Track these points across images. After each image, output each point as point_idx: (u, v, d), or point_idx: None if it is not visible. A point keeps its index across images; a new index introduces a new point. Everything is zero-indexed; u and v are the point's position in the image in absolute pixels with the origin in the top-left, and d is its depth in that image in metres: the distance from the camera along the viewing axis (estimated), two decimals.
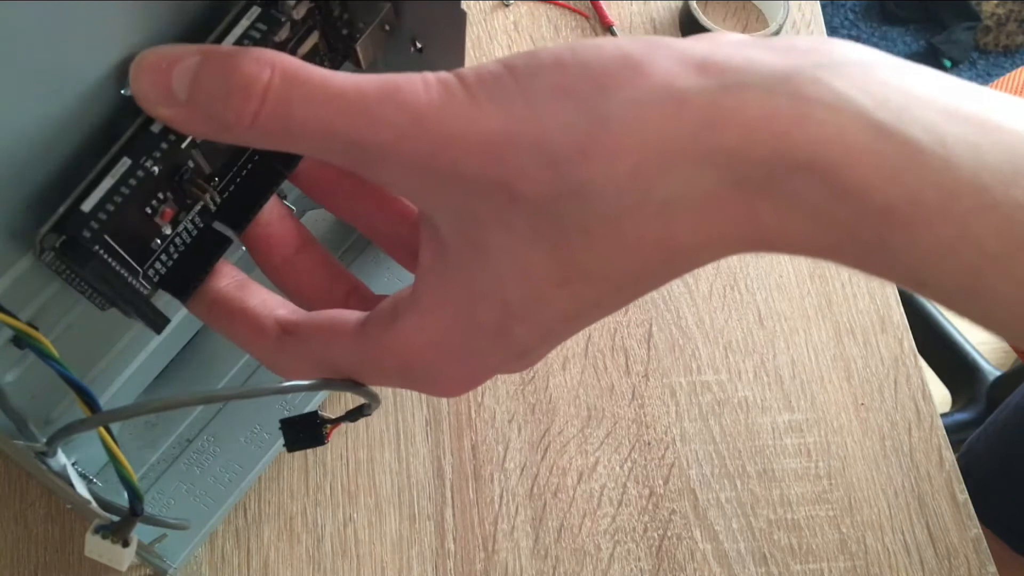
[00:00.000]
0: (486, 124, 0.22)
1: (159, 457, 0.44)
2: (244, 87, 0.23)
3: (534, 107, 0.22)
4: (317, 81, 0.23)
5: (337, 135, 0.23)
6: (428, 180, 0.23)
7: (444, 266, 0.24)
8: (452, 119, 0.22)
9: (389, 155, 0.23)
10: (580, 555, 0.47)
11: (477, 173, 0.22)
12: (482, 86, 0.22)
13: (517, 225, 0.22)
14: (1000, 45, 1.51)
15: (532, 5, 0.65)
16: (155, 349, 0.43)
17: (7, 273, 0.31)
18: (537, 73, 0.22)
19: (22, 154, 0.29)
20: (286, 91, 0.23)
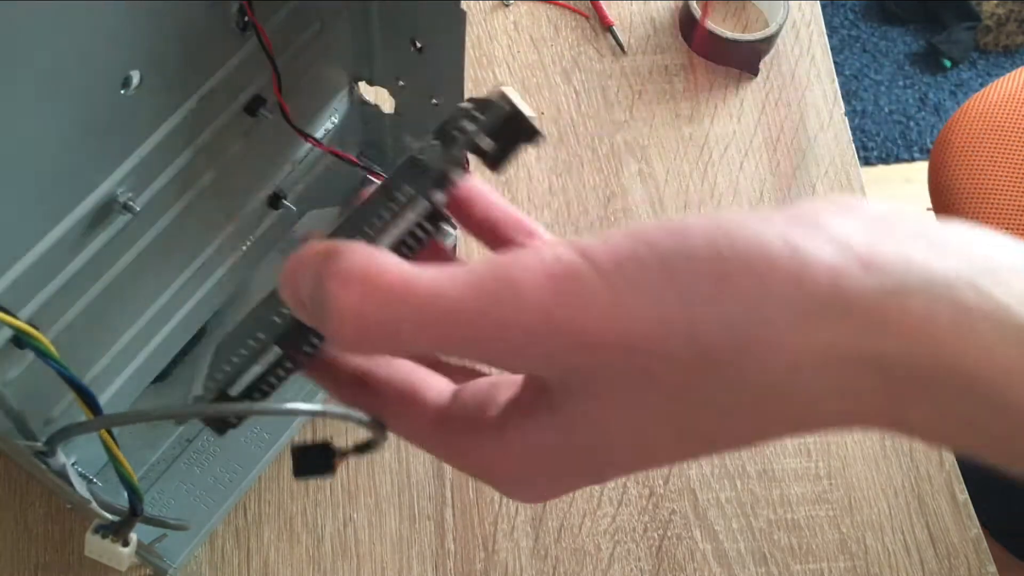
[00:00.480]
0: (631, 320, 0.20)
1: (159, 457, 0.44)
2: (338, 315, 0.21)
3: (689, 303, 0.20)
4: (422, 297, 0.21)
5: (454, 343, 0.21)
6: (553, 366, 0.22)
7: (547, 410, 0.23)
8: (589, 317, 0.20)
9: (514, 354, 0.21)
10: (580, 555, 0.47)
11: (614, 361, 0.20)
12: (621, 272, 0.20)
13: (648, 403, 0.21)
14: (1000, 45, 1.50)
15: (532, 5, 0.65)
16: (155, 349, 0.43)
17: (7, 273, 0.31)
18: (689, 260, 0.20)
19: (23, 152, 0.29)
20: (386, 314, 0.21)
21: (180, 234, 0.39)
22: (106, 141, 0.33)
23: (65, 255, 0.34)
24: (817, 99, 0.63)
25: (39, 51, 0.28)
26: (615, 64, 0.64)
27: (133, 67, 0.32)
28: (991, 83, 0.85)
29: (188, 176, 0.38)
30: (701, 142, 0.61)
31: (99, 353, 0.39)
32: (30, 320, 0.33)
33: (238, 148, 0.40)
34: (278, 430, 0.45)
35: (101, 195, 0.34)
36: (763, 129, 0.62)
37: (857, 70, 1.49)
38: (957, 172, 0.80)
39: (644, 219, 0.58)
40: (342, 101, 0.46)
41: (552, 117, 0.61)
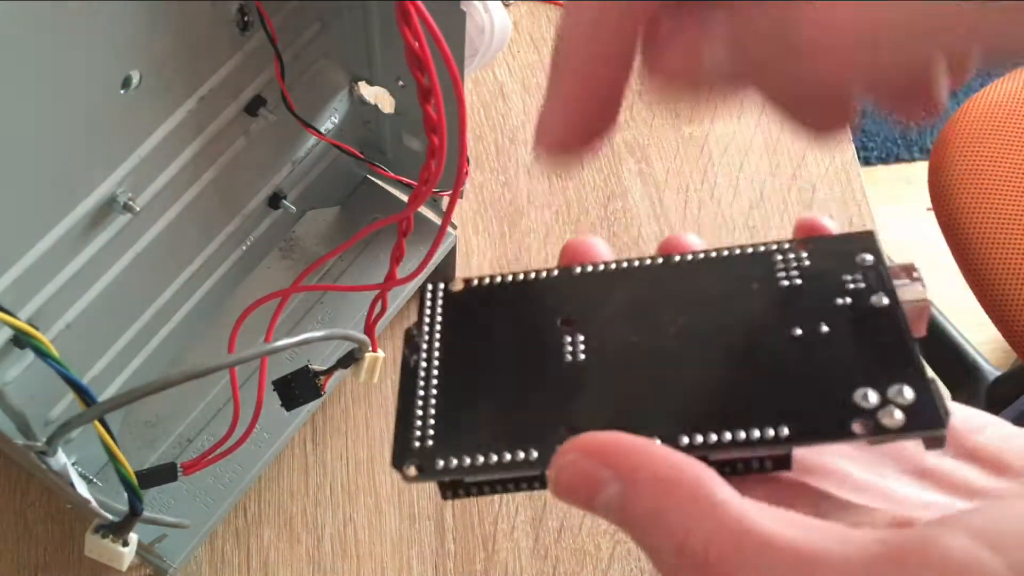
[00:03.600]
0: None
1: (159, 457, 0.44)
2: (681, 553, 0.19)
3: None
4: (789, 545, 0.19)
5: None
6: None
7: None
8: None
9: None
10: (580, 555, 0.47)
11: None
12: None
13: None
14: None
15: (532, 5, 0.65)
16: (155, 349, 0.43)
17: (7, 273, 0.31)
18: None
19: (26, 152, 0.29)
20: (738, 564, 0.19)
21: (180, 234, 0.39)
22: (106, 141, 0.33)
23: (65, 255, 0.34)
24: None
25: (39, 51, 0.28)
26: None
27: (133, 67, 0.32)
28: (991, 83, 0.85)
29: (188, 176, 0.38)
30: (701, 142, 0.61)
31: (99, 353, 0.39)
32: (30, 320, 0.33)
33: (238, 148, 0.40)
34: (278, 430, 0.45)
35: (101, 195, 0.34)
36: (763, 129, 0.62)
37: None
38: (957, 172, 0.80)
39: (644, 219, 0.58)
40: (342, 101, 0.46)
41: None
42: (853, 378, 0.22)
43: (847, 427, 0.22)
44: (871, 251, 0.25)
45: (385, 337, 0.51)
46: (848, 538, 0.19)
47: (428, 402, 0.25)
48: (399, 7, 0.26)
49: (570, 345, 0.25)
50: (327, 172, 0.48)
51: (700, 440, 0.22)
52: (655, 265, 0.27)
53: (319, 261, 0.38)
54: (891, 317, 0.24)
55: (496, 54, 0.45)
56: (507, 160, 0.59)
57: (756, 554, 0.19)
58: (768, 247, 0.26)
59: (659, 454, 0.20)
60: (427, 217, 0.50)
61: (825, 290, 0.25)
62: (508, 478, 0.23)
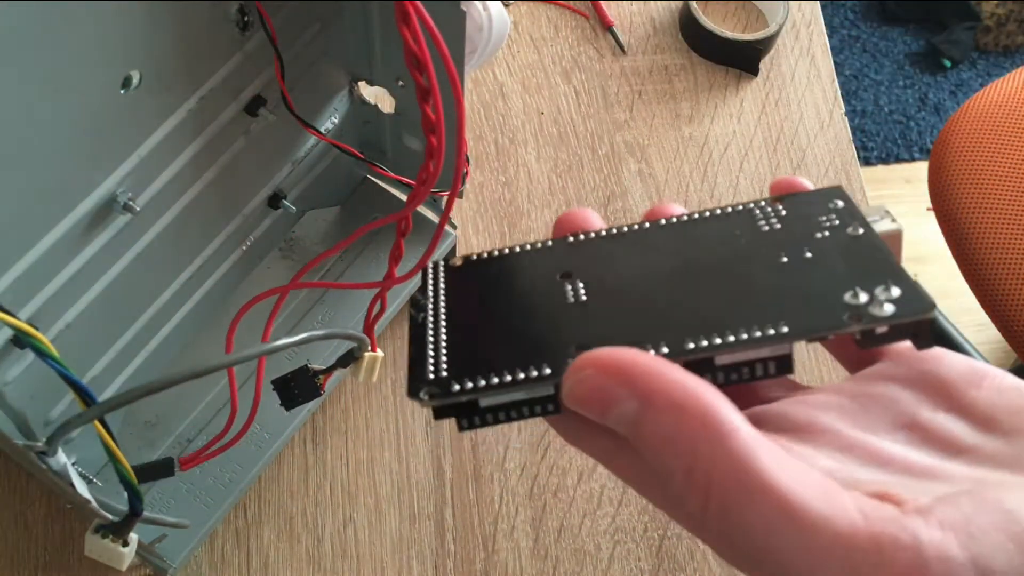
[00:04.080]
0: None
1: (159, 457, 0.44)
2: (688, 476, 0.20)
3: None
4: (774, 495, 0.20)
5: (779, 551, 0.20)
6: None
7: None
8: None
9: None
10: (580, 555, 0.47)
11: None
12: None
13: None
14: (1000, 45, 1.50)
15: (532, 5, 0.65)
16: (155, 349, 0.43)
17: (7, 273, 0.31)
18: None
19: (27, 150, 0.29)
20: (733, 500, 0.20)
21: (180, 234, 0.39)
22: (106, 141, 0.33)
23: (65, 255, 0.34)
24: (817, 99, 0.63)
25: (39, 51, 0.28)
26: (615, 64, 0.64)
27: (133, 67, 0.32)
28: (991, 83, 0.85)
29: (188, 176, 0.38)
30: (701, 142, 0.61)
31: (99, 353, 0.39)
32: (30, 320, 0.33)
33: (238, 148, 0.40)
34: (278, 430, 0.45)
35: (101, 195, 0.34)
36: (763, 129, 0.62)
37: (857, 70, 1.49)
38: (957, 172, 0.80)
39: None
40: (342, 101, 0.46)
41: (552, 117, 0.61)
42: (842, 284, 0.24)
43: (840, 319, 0.23)
44: (841, 198, 0.27)
45: (385, 337, 0.51)
46: (835, 501, 0.20)
47: (439, 344, 0.26)
48: (398, 7, 0.26)
49: (571, 291, 0.26)
50: (327, 172, 0.49)
51: (705, 343, 0.23)
52: (645, 227, 0.29)
53: (318, 259, 0.38)
54: (868, 240, 0.25)
55: (495, 52, 0.45)
56: (507, 160, 0.59)
57: (750, 492, 0.20)
58: (746, 205, 0.28)
59: (676, 378, 0.21)
60: (427, 217, 0.50)
61: (804, 229, 0.26)
62: (522, 400, 0.24)
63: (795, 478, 0.20)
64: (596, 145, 0.60)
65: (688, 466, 0.20)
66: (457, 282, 0.28)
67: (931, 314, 0.23)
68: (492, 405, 0.24)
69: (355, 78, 0.46)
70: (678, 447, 0.21)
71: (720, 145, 0.61)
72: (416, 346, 0.26)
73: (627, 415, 0.21)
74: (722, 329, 0.23)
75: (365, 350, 0.37)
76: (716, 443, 0.20)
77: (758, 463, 0.20)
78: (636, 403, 0.21)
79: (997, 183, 0.78)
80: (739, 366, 0.24)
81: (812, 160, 0.61)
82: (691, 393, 0.21)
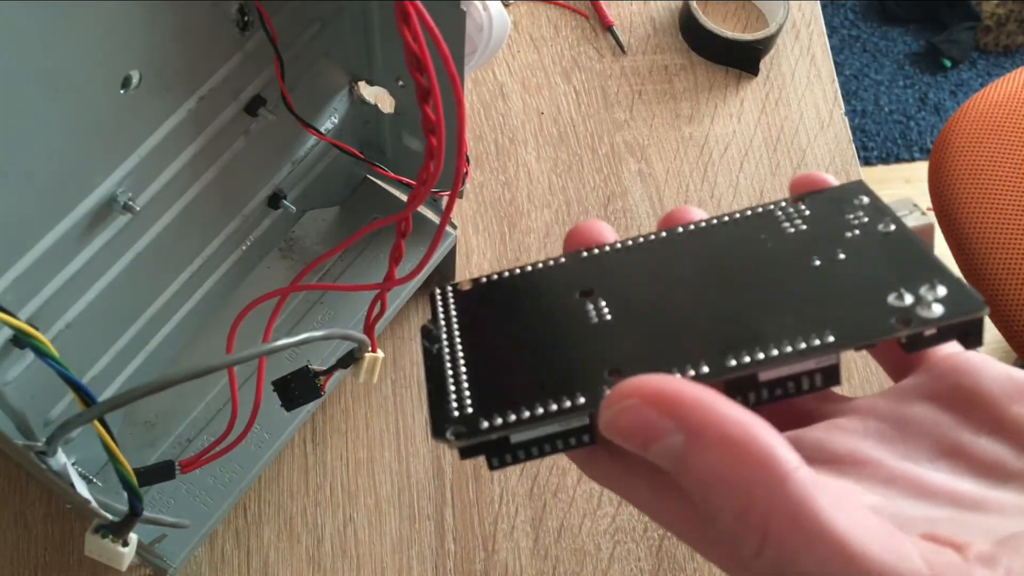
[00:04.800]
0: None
1: (159, 457, 0.44)
2: (741, 518, 0.19)
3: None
4: (833, 541, 0.19)
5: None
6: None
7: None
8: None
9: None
10: (580, 555, 0.47)
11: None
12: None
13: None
14: (1000, 45, 1.50)
15: (532, 5, 0.65)
16: (155, 349, 0.43)
17: (7, 273, 0.31)
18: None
19: (29, 153, 0.29)
20: (790, 547, 0.19)
21: (180, 234, 0.39)
22: (106, 141, 0.33)
23: (65, 255, 0.34)
24: (817, 99, 0.63)
25: (39, 51, 0.28)
26: (615, 64, 0.64)
27: (133, 67, 0.32)
28: (991, 83, 0.85)
29: (188, 176, 0.38)
30: (701, 142, 0.61)
31: (99, 353, 0.39)
32: (30, 320, 0.33)
33: (238, 148, 0.40)
34: (278, 430, 0.45)
35: (101, 195, 0.34)
36: (763, 129, 0.62)
37: (857, 70, 1.49)
38: (957, 172, 0.80)
39: (644, 219, 0.58)
40: (342, 101, 0.46)
41: (552, 117, 0.61)
42: (883, 286, 0.22)
43: (888, 324, 0.21)
44: (866, 193, 0.26)
45: (385, 337, 0.51)
46: (898, 550, 0.19)
47: (459, 378, 0.24)
48: (398, 7, 0.26)
49: (593, 310, 0.25)
50: (327, 172, 0.48)
51: (747, 359, 0.22)
52: (663, 236, 0.27)
53: (318, 260, 0.38)
54: (902, 236, 0.24)
55: (495, 52, 0.45)
56: (507, 160, 0.59)
57: (810, 538, 0.19)
58: (767, 206, 0.27)
59: (727, 412, 0.20)
60: (427, 217, 0.50)
61: (832, 229, 0.25)
62: (555, 433, 0.23)
63: (857, 523, 0.19)
64: (596, 145, 0.60)
65: (742, 508, 0.19)
66: (469, 307, 0.27)
67: (982, 312, 0.21)
68: (524, 441, 0.23)
69: (355, 78, 0.46)
70: (732, 487, 0.19)
71: (720, 145, 0.61)
72: (434, 381, 0.24)
73: (672, 449, 0.20)
74: (764, 342, 0.22)
75: (365, 351, 0.37)
76: (774, 485, 0.19)
77: (817, 506, 0.19)
78: (683, 436, 0.20)
79: (997, 183, 0.78)
80: (783, 381, 0.22)
81: (812, 160, 0.61)
82: (746, 430, 0.20)
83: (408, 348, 0.52)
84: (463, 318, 0.26)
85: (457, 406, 0.23)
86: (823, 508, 0.19)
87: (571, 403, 0.22)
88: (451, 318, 0.26)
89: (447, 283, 0.28)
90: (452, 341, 0.25)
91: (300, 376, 0.38)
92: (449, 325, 0.26)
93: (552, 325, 0.25)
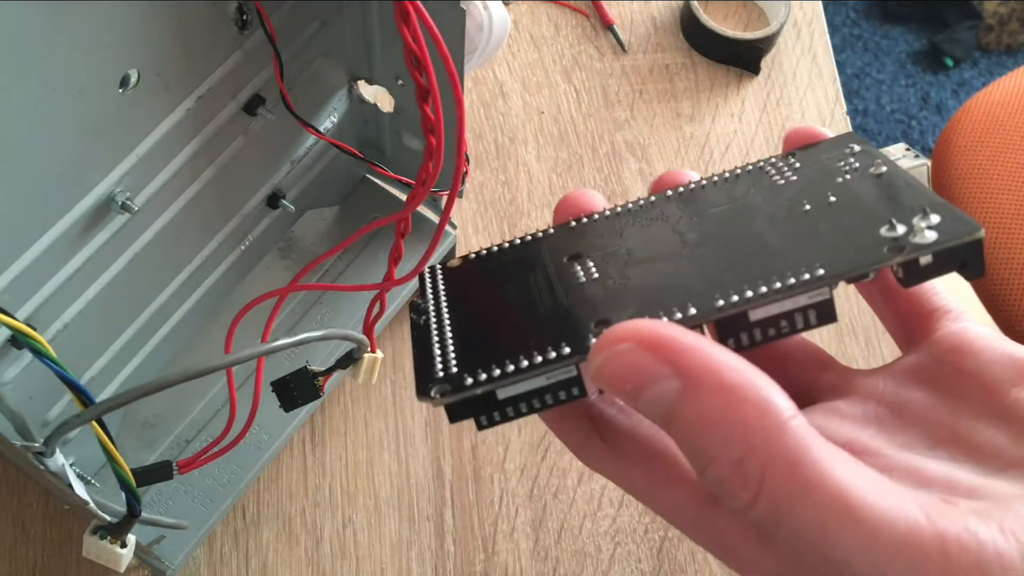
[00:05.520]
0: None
1: (157, 458, 0.44)
2: (737, 467, 0.19)
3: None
4: (831, 491, 0.19)
5: (836, 549, 0.19)
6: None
7: None
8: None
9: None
10: (580, 556, 0.47)
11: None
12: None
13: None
14: (1002, 44, 1.50)
15: (532, 4, 0.65)
16: (153, 349, 0.43)
17: (4, 273, 0.31)
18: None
19: (25, 152, 0.29)
20: (787, 495, 0.19)
21: (178, 234, 0.39)
22: (104, 140, 0.33)
23: (63, 254, 0.34)
24: (819, 98, 0.63)
25: (38, 50, 0.28)
26: (616, 63, 0.63)
27: (131, 66, 0.32)
28: (993, 82, 0.85)
29: (187, 175, 0.38)
30: (702, 141, 0.61)
31: (97, 353, 0.39)
32: (27, 320, 0.33)
33: (237, 147, 0.40)
34: (277, 431, 0.45)
35: (99, 194, 0.33)
36: (764, 128, 0.62)
37: (859, 69, 1.49)
38: (959, 171, 0.80)
39: None
40: (341, 100, 0.46)
41: (552, 116, 0.61)
42: (875, 219, 0.22)
43: (880, 253, 0.21)
44: (857, 142, 0.25)
45: (384, 338, 0.51)
46: (897, 498, 0.19)
47: (445, 342, 0.24)
48: (398, 6, 0.26)
49: (581, 271, 0.25)
50: (326, 171, 0.48)
51: (736, 298, 0.21)
52: (651, 200, 0.27)
53: (317, 260, 0.38)
54: (894, 175, 0.23)
55: (495, 51, 0.45)
56: (507, 160, 0.59)
57: (809, 488, 0.19)
58: (756, 163, 0.26)
59: (724, 357, 0.19)
60: (427, 217, 0.49)
61: (823, 177, 0.24)
62: (543, 387, 0.22)
63: (854, 472, 0.19)
64: (597, 144, 0.60)
65: (738, 456, 0.19)
66: (458, 281, 0.27)
67: (979, 235, 0.21)
68: (511, 396, 0.22)
69: (354, 77, 0.45)
70: (728, 433, 0.19)
71: (721, 144, 0.61)
72: (420, 348, 0.24)
73: (666, 395, 0.20)
74: (753, 282, 0.21)
75: (364, 351, 0.37)
76: (772, 432, 0.19)
77: (816, 454, 0.19)
78: (679, 383, 0.19)
79: (999, 182, 0.78)
80: (776, 319, 0.22)
81: None
82: (744, 376, 0.19)
83: (408, 349, 0.52)
84: (451, 292, 0.26)
85: (442, 367, 0.23)
86: (822, 457, 0.19)
87: (556, 354, 0.22)
88: (439, 292, 0.26)
89: (436, 264, 0.28)
90: (439, 313, 0.25)
91: (299, 377, 0.38)
92: (437, 299, 0.26)
93: (539, 288, 0.25)
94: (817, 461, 0.19)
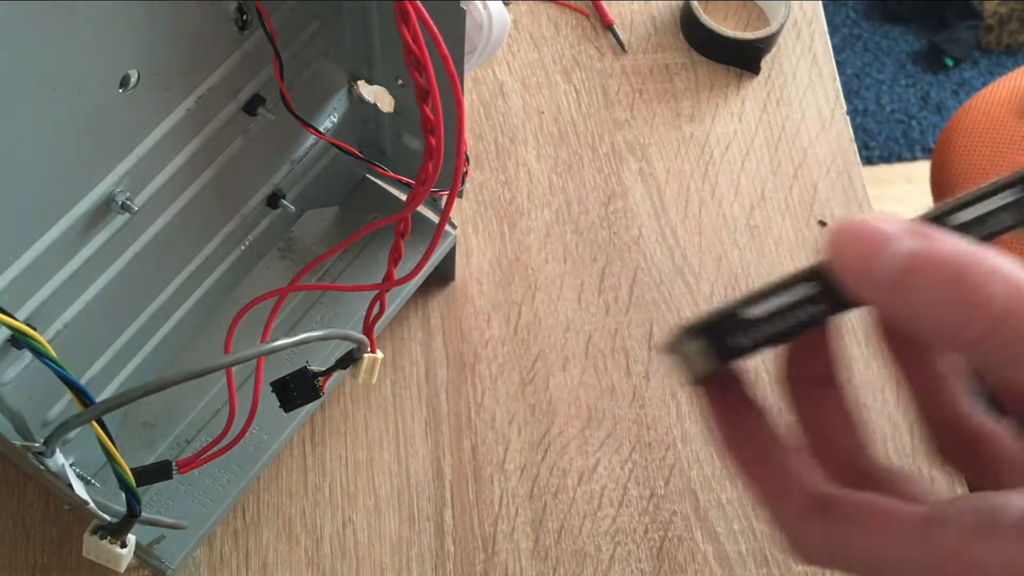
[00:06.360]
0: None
1: (157, 458, 0.44)
2: (977, 312, 0.20)
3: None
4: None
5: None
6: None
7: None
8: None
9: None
10: (580, 556, 0.47)
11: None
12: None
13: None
14: (1002, 44, 1.50)
15: (532, 4, 0.65)
16: (153, 349, 0.43)
17: (5, 273, 0.31)
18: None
19: (25, 153, 0.29)
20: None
21: (178, 234, 0.39)
22: (104, 140, 0.33)
23: (63, 255, 0.34)
24: (819, 98, 0.63)
25: (38, 50, 0.27)
26: (616, 63, 0.63)
27: (131, 66, 0.32)
28: (993, 82, 0.85)
29: (187, 175, 0.38)
30: (702, 141, 0.61)
31: (97, 353, 0.39)
32: (28, 320, 0.33)
33: (237, 147, 0.40)
34: (276, 431, 0.45)
35: (99, 194, 0.33)
36: (764, 128, 0.62)
37: (859, 69, 1.49)
38: (959, 171, 0.80)
39: (644, 219, 0.58)
40: (341, 100, 0.46)
41: (552, 116, 0.61)
42: None
43: None
44: None
45: (384, 338, 0.51)
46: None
47: None
48: (398, 6, 0.26)
49: None
50: (326, 171, 0.48)
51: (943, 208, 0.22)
52: None
53: (317, 260, 0.38)
54: None
55: (495, 51, 0.45)
56: (507, 159, 0.59)
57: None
58: None
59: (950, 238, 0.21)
60: (427, 217, 0.49)
61: None
62: (788, 304, 0.23)
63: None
64: (596, 144, 0.60)
65: (987, 289, 0.20)
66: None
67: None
68: (757, 317, 0.23)
69: (354, 77, 0.45)
70: (974, 271, 0.20)
71: (721, 144, 0.61)
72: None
73: (901, 254, 0.20)
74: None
75: (364, 351, 0.37)
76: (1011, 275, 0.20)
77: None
78: (915, 241, 0.20)
79: None
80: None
81: (814, 159, 0.60)
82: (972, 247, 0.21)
83: (407, 349, 0.52)
84: None
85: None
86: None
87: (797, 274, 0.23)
88: None
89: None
90: None
91: (299, 377, 0.38)
92: None
93: None
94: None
